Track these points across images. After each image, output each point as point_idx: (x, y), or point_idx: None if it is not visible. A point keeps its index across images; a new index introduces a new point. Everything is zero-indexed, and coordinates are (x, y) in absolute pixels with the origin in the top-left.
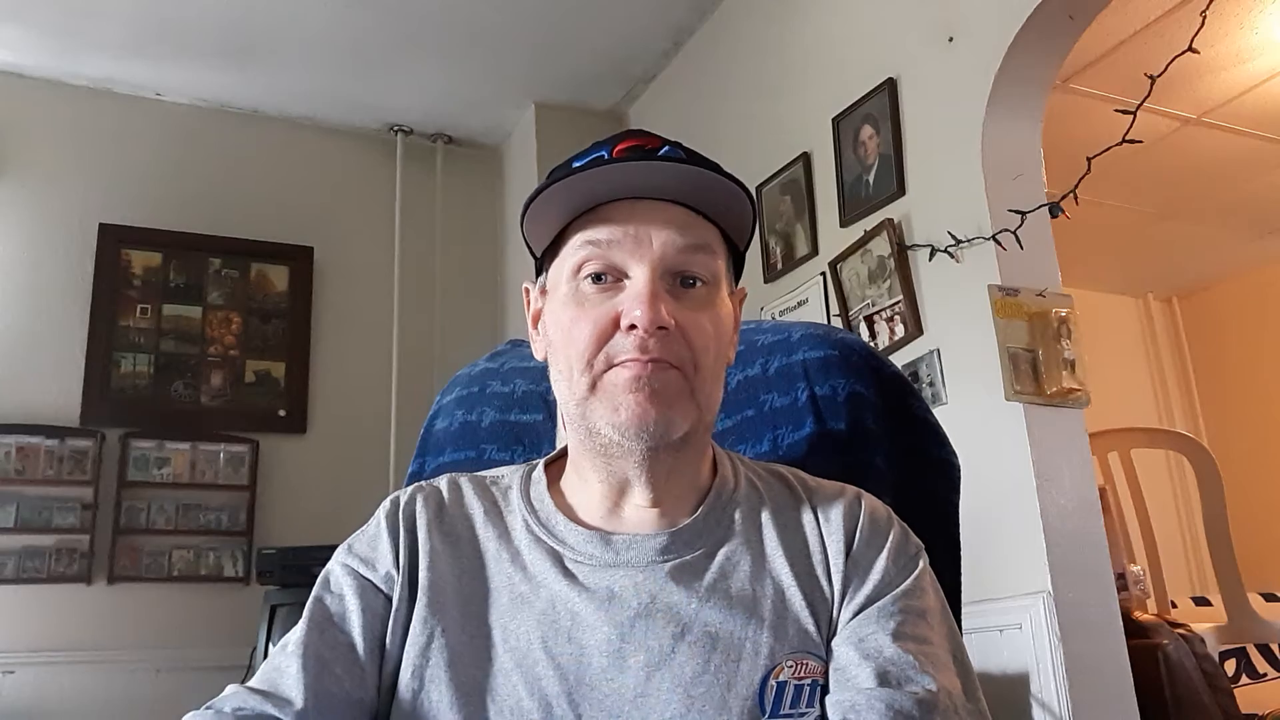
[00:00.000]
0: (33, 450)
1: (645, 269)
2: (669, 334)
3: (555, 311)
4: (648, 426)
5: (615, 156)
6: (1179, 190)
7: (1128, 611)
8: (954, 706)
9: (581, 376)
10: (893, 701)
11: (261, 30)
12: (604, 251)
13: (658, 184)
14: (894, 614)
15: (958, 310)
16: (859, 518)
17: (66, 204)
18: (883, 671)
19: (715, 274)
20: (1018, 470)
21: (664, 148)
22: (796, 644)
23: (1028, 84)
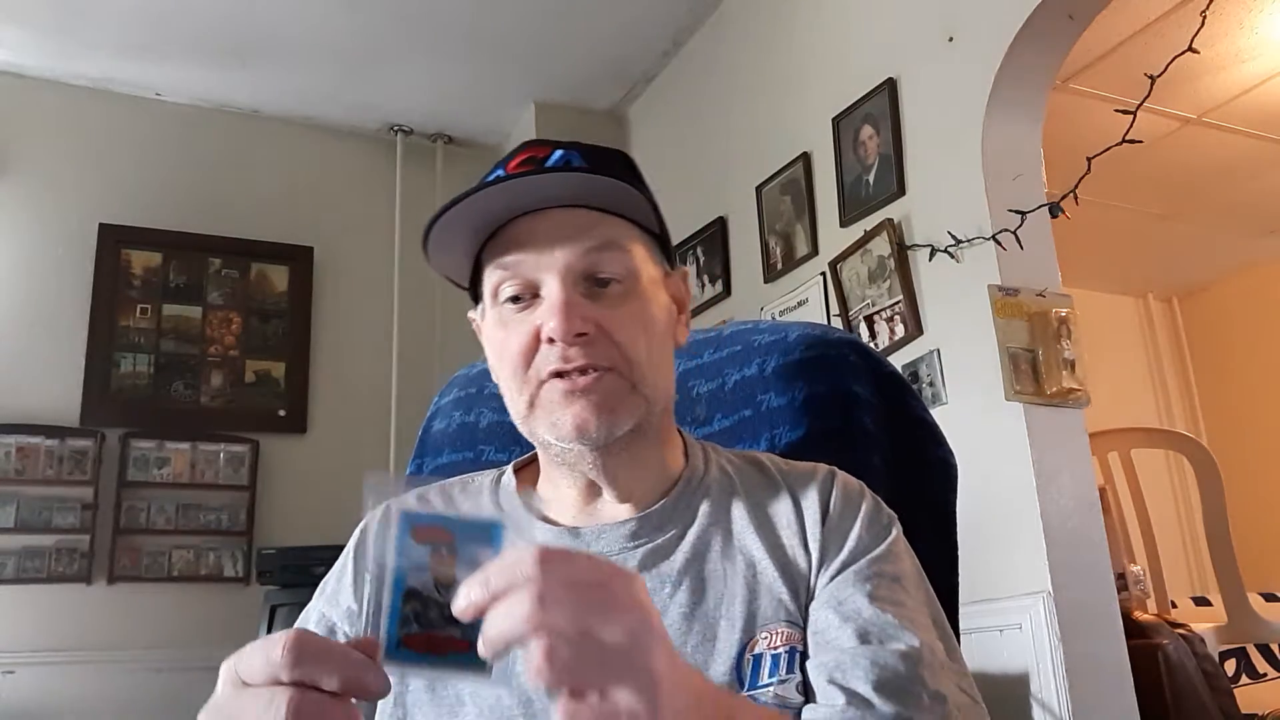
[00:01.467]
0: (33, 450)
1: (554, 280)
2: (591, 338)
3: (488, 336)
4: (589, 432)
5: (510, 173)
6: (1179, 190)
7: (1128, 611)
8: (938, 662)
9: (520, 395)
10: (876, 658)
11: (261, 30)
12: (514, 271)
13: (551, 194)
14: (870, 577)
15: (958, 310)
16: (832, 491)
17: (66, 204)
18: (863, 631)
19: (629, 267)
20: (1018, 470)
21: (555, 154)
22: (770, 614)
23: (1028, 84)
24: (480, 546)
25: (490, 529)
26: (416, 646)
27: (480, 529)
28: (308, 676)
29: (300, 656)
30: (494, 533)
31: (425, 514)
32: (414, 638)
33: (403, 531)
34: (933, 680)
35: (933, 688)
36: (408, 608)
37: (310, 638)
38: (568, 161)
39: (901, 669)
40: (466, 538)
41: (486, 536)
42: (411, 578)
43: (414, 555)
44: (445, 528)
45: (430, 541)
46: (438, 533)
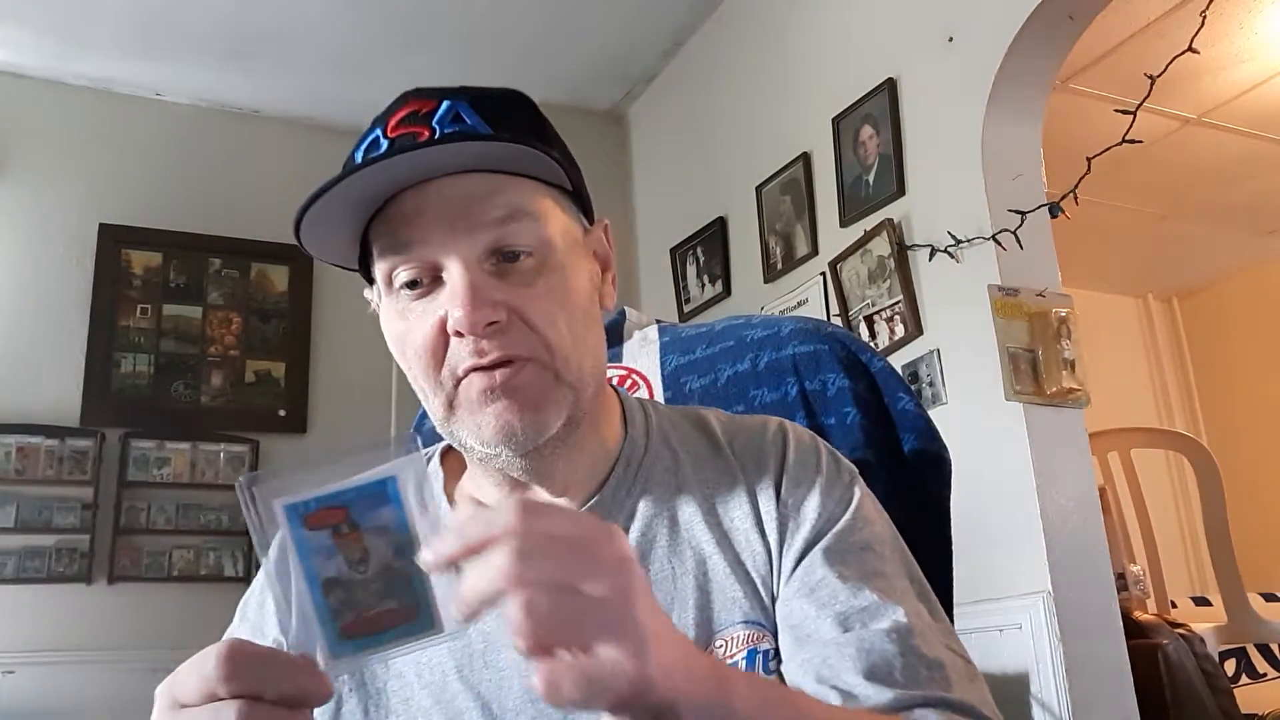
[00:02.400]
0: (33, 450)
1: (456, 262)
2: (504, 325)
3: (387, 328)
4: (515, 435)
5: (389, 136)
6: (1179, 190)
7: (1128, 611)
8: (926, 626)
9: (435, 397)
10: (862, 643)
11: (262, 30)
12: (407, 255)
13: (443, 162)
14: (840, 552)
15: (957, 310)
16: (785, 455)
17: (66, 204)
18: (843, 616)
19: (541, 237)
20: (1017, 470)
21: (441, 107)
22: (724, 618)
23: (1028, 84)
24: (379, 509)
25: (383, 487)
26: (358, 631)
27: (373, 492)
28: (248, 688)
29: (237, 667)
30: (389, 490)
31: (309, 498)
32: (352, 624)
33: (294, 525)
34: (927, 648)
35: (930, 656)
36: (332, 599)
37: (246, 646)
38: (457, 114)
39: (891, 648)
40: (362, 507)
41: (383, 496)
42: (322, 569)
43: (315, 544)
44: (337, 504)
45: (326, 525)
46: (330, 513)
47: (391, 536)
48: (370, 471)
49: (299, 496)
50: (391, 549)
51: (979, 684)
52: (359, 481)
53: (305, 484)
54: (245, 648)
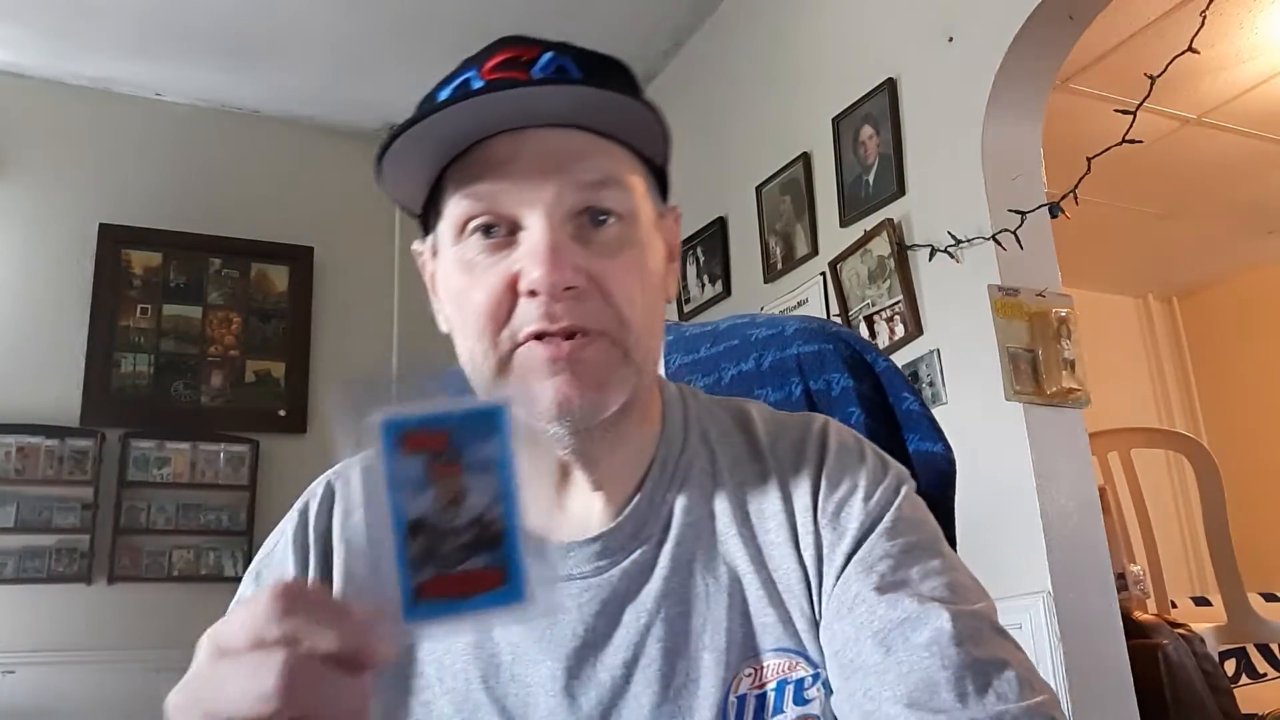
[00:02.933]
0: (33, 450)
1: (540, 217)
2: (582, 292)
3: (445, 281)
4: (572, 411)
5: (485, 78)
6: (1179, 190)
7: (1127, 611)
8: (976, 627)
9: (485, 360)
10: (902, 665)
11: (262, 30)
12: (488, 204)
13: (541, 110)
14: (876, 563)
15: (957, 310)
16: (823, 460)
17: (66, 204)
18: (882, 635)
19: (631, 207)
20: (1017, 470)
21: (543, 57)
22: (754, 645)
23: (1028, 84)
24: (485, 440)
25: (494, 416)
26: (435, 592)
27: (482, 419)
28: (302, 632)
29: (293, 606)
30: (500, 420)
31: (412, 416)
32: (430, 583)
33: (389, 446)
34: (980, 650)
35: (983, 658)
36: (415, 547)
37: (303, 586)
38: (560, 67)
39: (933, 664)
40: (468, 434)
41: (491, 426)
42: (412, 505)
43: (406, 473)
44: (439, 427)
45: (424, 450)
46: (431, 437)
47: (493, 479)
48: (479, 400)
49: (402, 411)
50: (490, 494)
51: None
52: (468, 405)
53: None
54: (304, 586)
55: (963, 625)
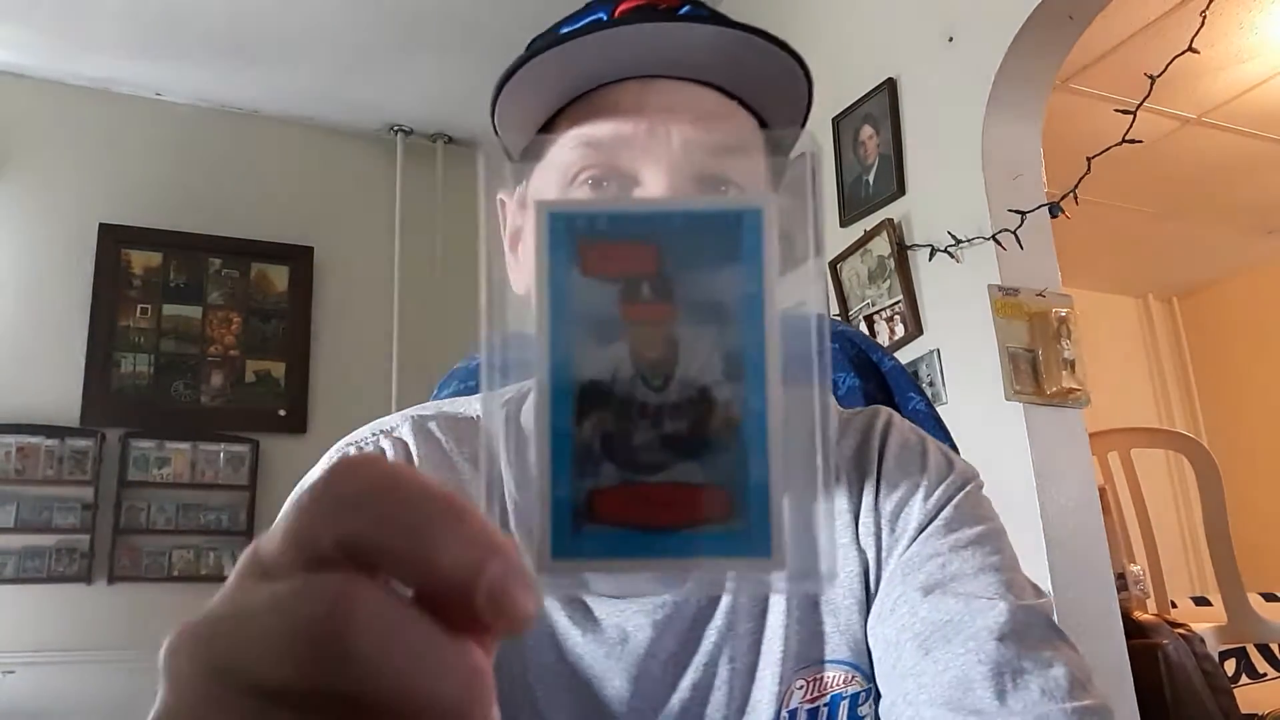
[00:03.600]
0: (33, 450)
1: (662, 174)
2: None
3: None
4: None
5: (618, 18)
6: (1179, 190)
7: (1127, 611)
8: (1029, 622)
9: None
10: (938, 664)
11: (261, 30)
12: (607, 154)
13: (679, 57)
14: (923, 563)
15: (957, 310)
16: (883, 457)
17: (66, 204)
18: (923, 637)
19: (756, 182)
20: (1017, 470)
21: (684, 9)
22: (808, 656)
23: (1028, 84)
24: (720, 266)
25: (737, 223)
26: (618, 515)
27: (716, 228)
28: (376, 540)
29: (368, 493)
30: (746, 230)
31: (601, 211)
32: (612, 496)
33: (556, 254)
34: (1026, 646)
35: (1030, 653)
36: (588, 431)
37: (390, 463)
38: (701, 16)
39: (971, 659)
40: (689, 252)
41: (732, 241)
42: (588, 360)
43: (585, 307)
44: (643, 236)
45: (617, 270)
46: (630, 251)
47: (733, 333)
48: (711, 197)
49: (584, 207)
50: (725, 358)
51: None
52: (694, 205)
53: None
54: (393, 464)
55: (1010, 621)
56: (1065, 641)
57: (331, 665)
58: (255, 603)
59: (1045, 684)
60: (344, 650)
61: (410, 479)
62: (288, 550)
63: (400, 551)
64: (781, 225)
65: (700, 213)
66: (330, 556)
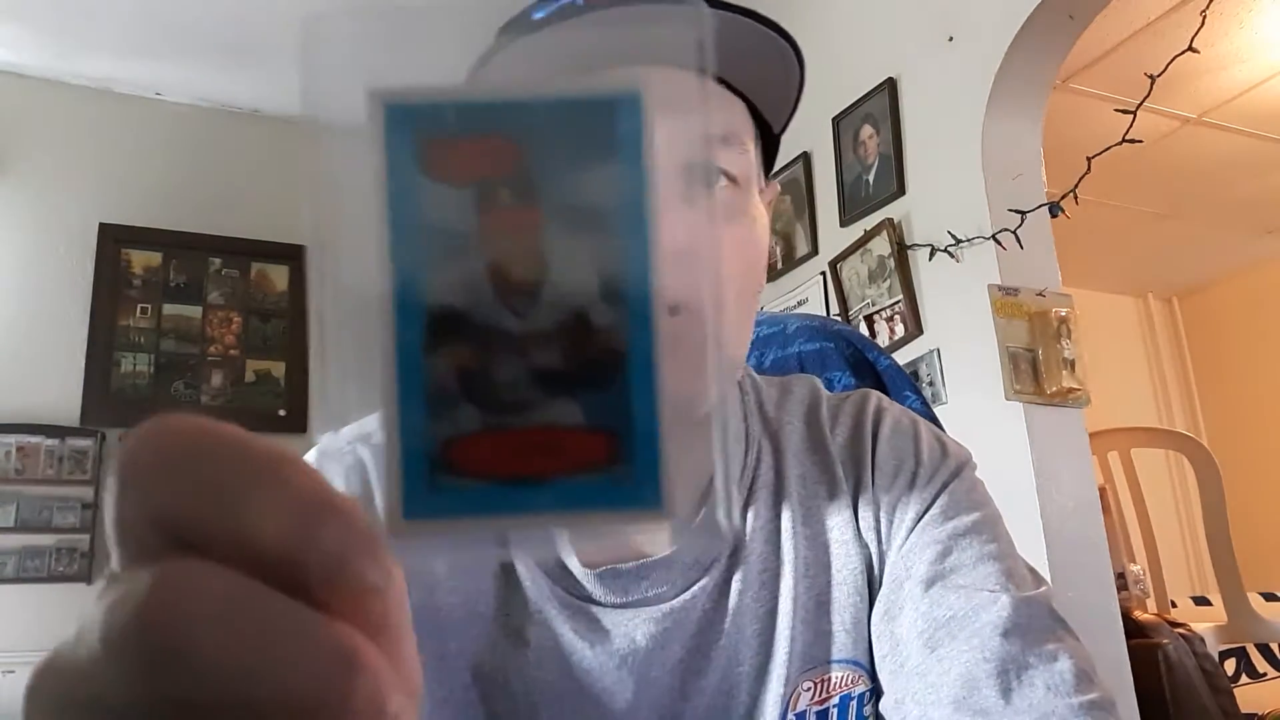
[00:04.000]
0: (33, 450)
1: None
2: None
3: None
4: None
5: (592, 3)
6: (1179, 190)
7: (1127, 611)
8: (1031, 615)
9: None
10: (943, 662)
11: (262, 29)
12: None
13: (663, 39)
14: (925, 549)
15: (958, 310)
16: (877, 446)
17: (66, 204)
18: (928, 634)
19: (747, 172)
20: (1017, 470)
21: None
22: (814, 656)
23: (1028, 83)
24: (592, 164)
25: (609, 111)
26: (478, 466)
27: (584, 115)
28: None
29: (170, 462)
30: (621, 119)
31: (447, 101)
32: (470, 444)
33: (398, 155)
34: (1030, 641)
35: (1035, 647)
36: (442, 361)
37: (193, 422)
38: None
39: (976, 657)
40: (555, 145)
41: (603, 131)
42: (440, 281)
43: (436, 211)
44: (500, 129)
45: (469, 172)
46: (482, 146)
47: (609, 243)
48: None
49: (428, 98)
50: (602, 271)
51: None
52: (559, 92)
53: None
54: (200, 423)
55: (1013, 615)
56: (1068, 631)
57: (161, 673)
58: (88, 618)
59: (1050, 679)
60: (168, 654)
61: (226, 436)
62: (116, 546)
63: (213, 524)
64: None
65: (566, 100)
66: (150, 541)
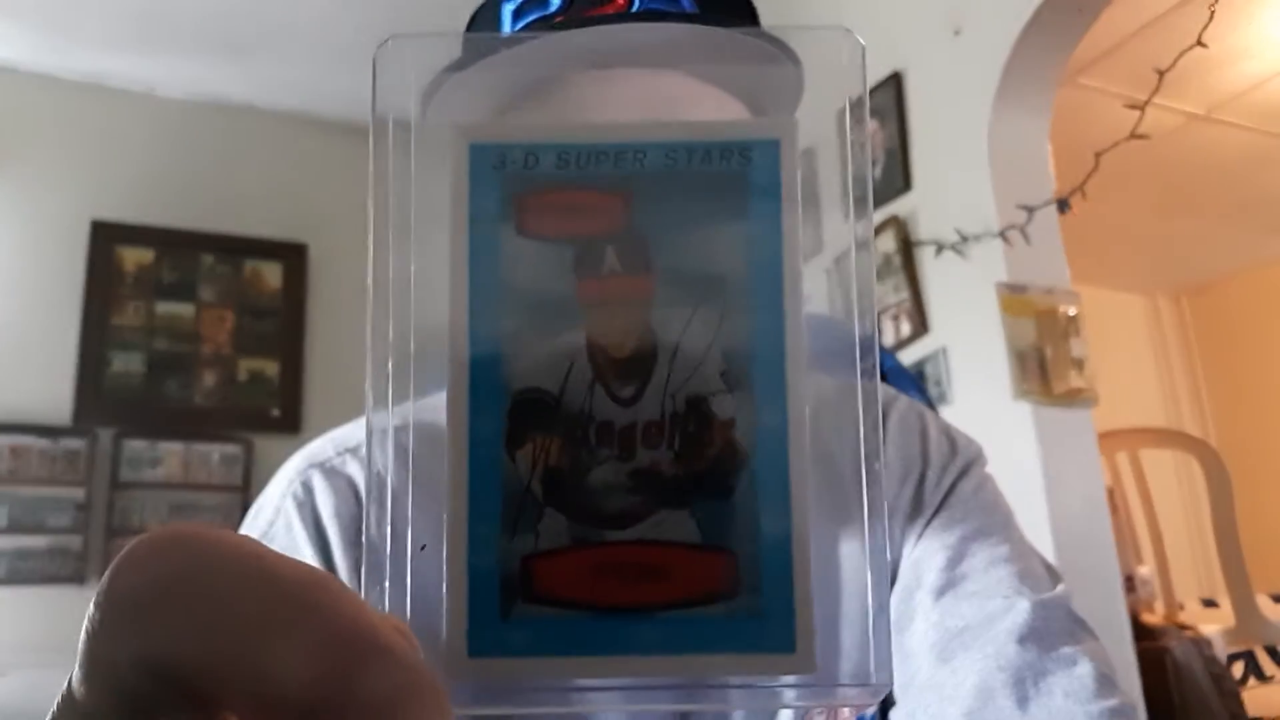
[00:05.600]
0: (25, 450)
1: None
2: None
3: None
4: None
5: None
6: (1188, 187)
7: (1135, 614)
8: (1047, 619)
9: None
10: (957, 673)
11: (255, 24)
12: None
13: (641, 47)
14: (935, 554)
15: (964, 308)
16: (884, 442)
17: (58, 201)
18: (941, 646)
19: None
20: (1025, 471)
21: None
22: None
23: (1035, 78)
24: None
25: (746, 154)
26: (568, 587)
27: (715, 158)
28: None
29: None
30: (758, 161)
31: (545, 142)
32: (563, 558)
33: (483, 204)
34: (1046, 645)
35: (1051, 652)
36: (525, 458)
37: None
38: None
39: (990, 665)
40: (671, 196)
41: (735, 178)
42: (525, 355)
43: (527, 274)
44: (607, 181)
45: (570, 233)
46: (587, 200)
47: (737, 317)
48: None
49: (522, 136)
50: (725, 351)
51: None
52: (681, 134)
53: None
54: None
55: (1030, 620)
56: (1087, 632)
57: None
58: None
59: (1069, 685)
60: None
61: (239, 555)
62: (88, 685)
63: (227, 669)
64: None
65: (691, 145)
66: (143, 690)
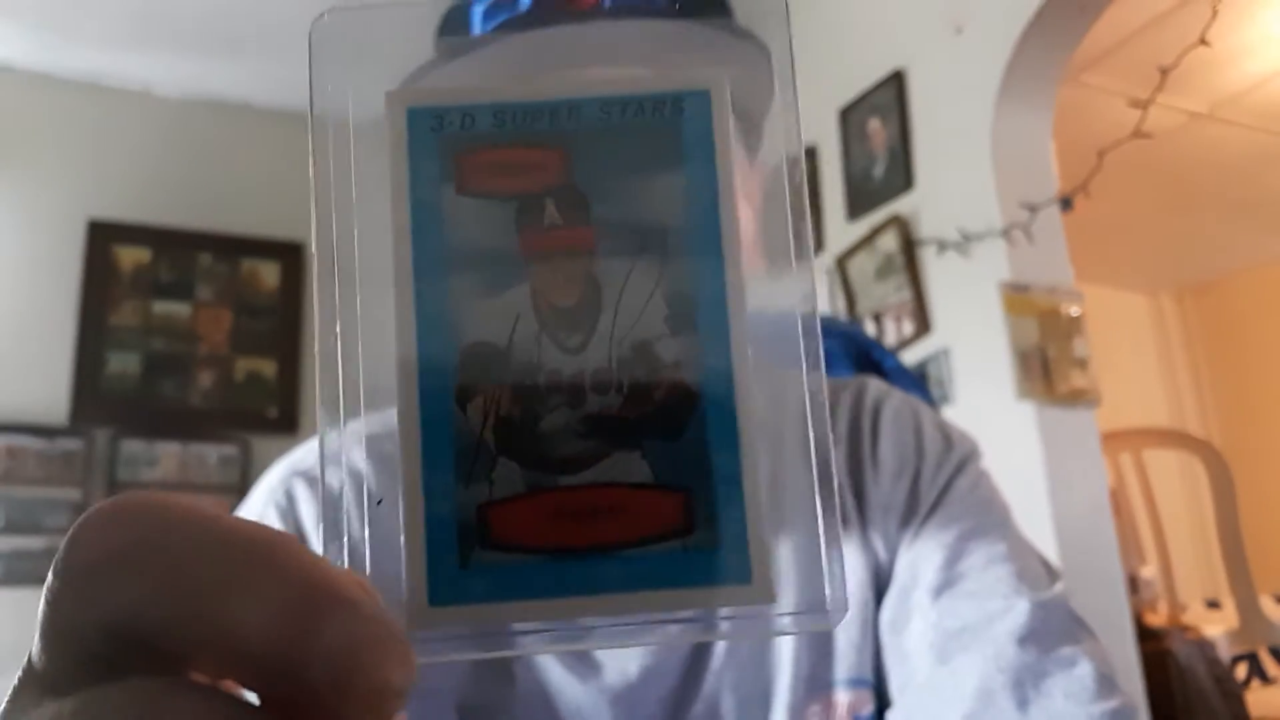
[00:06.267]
0: (21, 451)
1: None
2: None
3: None
4: None
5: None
6: (1192, 186)
7: (1138, 615)
8: (1046, 619)
9: None
10: (956, 674)
11: (252, 22)
12: None
13: (613, 43)
14: (932, 553)
15: (967, 307)
16: (877, 440)
17: (54, 200)
18: (939, 646)
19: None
20: (1028, 471)
21: None
22: (820, 679)
23: (1038, 76)
24: (650, 167)
25: (676, 110)
26: (525, 532)
27: (647, 110)
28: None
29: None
30: (687, 117)
31: (479, 103)
32: (518, 504)
33: (423, 165)
34: (1046, 646)
35: (1052, 653)
36: (476, 409)
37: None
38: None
39: (990, 668)
40: (608, 149)
41: (669, 133)
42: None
43: (469, 231)
44: (540, 136)
45: (510, 189)
46: (526, 156)
47: (678, 262)
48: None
49: (458, 99)
50: (668, 295)
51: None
52: (614, 90)
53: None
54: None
55: (1029, 620)
56: (1087, 632)
57: None
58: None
59: (1069, 686)
60: None
61: (198, 517)
62: (49, 654)
63: (189, 626)
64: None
65: (623, 99)
66: (103, 651)
